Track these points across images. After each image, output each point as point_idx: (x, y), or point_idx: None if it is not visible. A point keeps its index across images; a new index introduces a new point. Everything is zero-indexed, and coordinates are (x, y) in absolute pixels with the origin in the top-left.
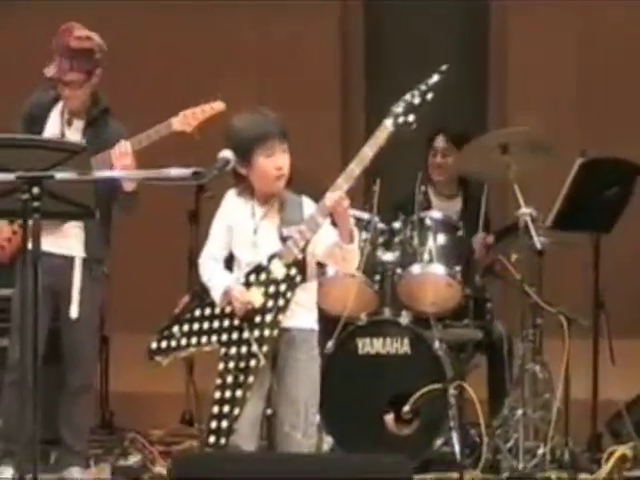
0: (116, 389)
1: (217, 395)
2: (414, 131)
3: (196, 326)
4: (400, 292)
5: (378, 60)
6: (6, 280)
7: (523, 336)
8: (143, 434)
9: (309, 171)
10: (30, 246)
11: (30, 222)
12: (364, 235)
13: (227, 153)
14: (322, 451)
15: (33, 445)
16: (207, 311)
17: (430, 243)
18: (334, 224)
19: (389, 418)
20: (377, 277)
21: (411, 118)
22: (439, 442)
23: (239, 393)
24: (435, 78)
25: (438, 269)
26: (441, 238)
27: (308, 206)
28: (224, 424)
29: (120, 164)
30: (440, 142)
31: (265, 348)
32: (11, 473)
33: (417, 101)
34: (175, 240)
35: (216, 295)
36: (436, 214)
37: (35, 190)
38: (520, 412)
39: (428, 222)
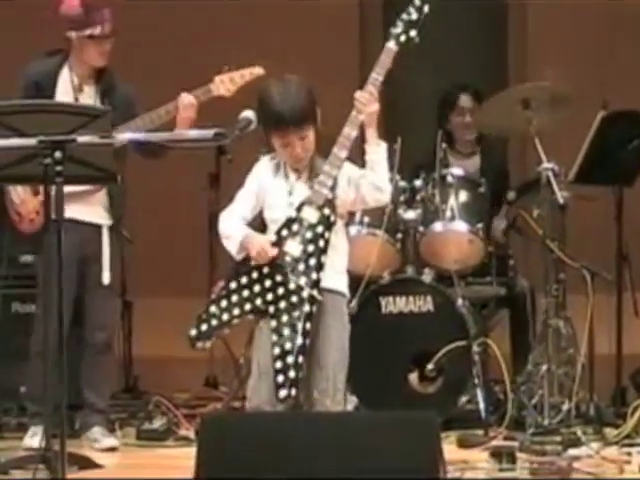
0: (139, 353)
1: (277, 351)
2: (432, 88)
3: (235, 298)
4: (422, 250)
5: None
6: (29, 246)
7: (546, 291)
8: (167, 398)
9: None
10: (54, 211)
11: (53, 187)
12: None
13: (249, 113)
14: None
15: (60, 411)
16: (243, 280)
17: (452, 200)
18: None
19: (413, 376)
20: (399, 235)
21: (413, 33)
22: (463, 399)
23: (300, 341)
24: None
25: (460, 226)
26: (463, 195)
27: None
28: (292, 374)
29: (184, 116)
30: (465, 101)
31: (316, 291)
32: (41, 432)
33: (415, 16)
34: (196, 203)
35: (232, 244)
36: (457, 171)
37: (57, 154)
38: (544, 368)
39: (449, 179)
